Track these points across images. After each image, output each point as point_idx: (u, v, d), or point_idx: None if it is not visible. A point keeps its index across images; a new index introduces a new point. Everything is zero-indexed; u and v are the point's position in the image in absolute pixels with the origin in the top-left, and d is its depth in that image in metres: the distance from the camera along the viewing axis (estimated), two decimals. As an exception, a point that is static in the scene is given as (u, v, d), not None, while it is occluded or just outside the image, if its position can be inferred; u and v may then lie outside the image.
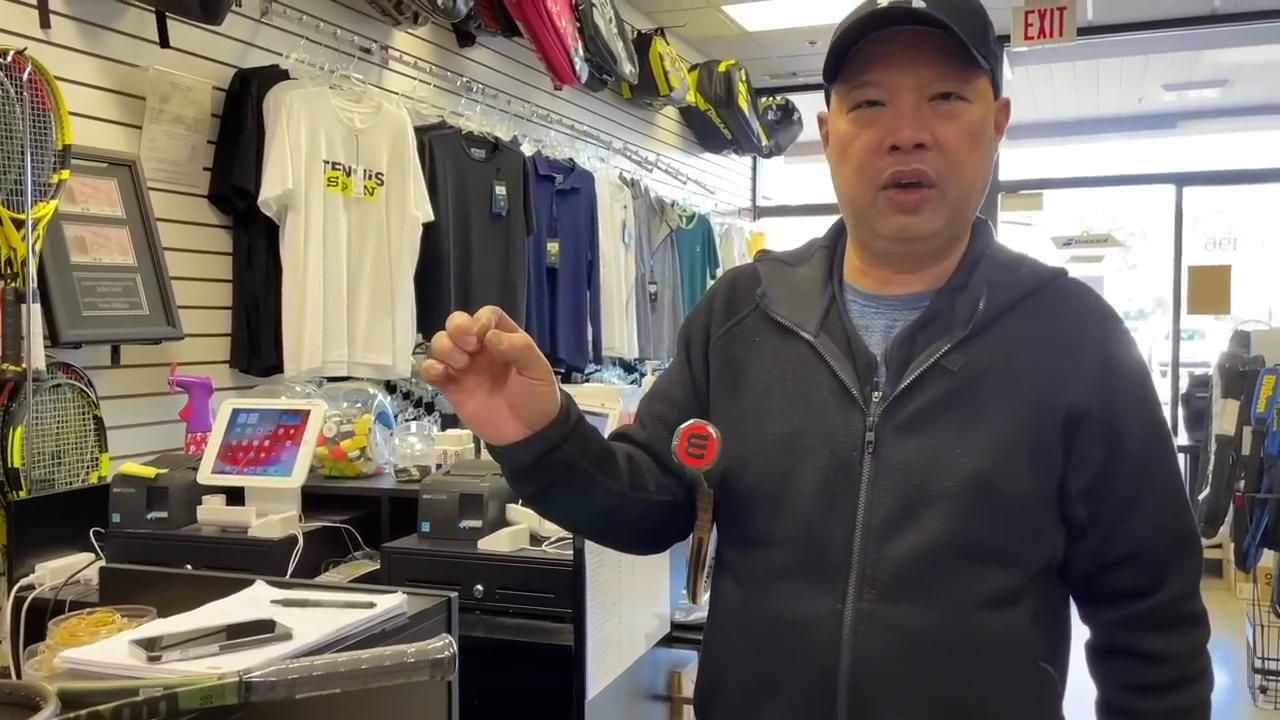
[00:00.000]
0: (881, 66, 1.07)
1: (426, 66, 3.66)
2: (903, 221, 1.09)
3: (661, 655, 2.13)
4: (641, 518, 1.17)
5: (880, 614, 1.05)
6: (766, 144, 6.24)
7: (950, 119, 1.07)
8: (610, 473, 1.11)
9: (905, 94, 1.06)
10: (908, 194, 1.07)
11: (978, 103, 1.08)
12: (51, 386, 2.21)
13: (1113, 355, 1.10)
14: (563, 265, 4.03)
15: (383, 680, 0.95)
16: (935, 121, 1.06)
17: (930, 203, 1.08)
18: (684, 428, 1.09)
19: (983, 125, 1.09)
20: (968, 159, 1.08)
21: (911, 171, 1.06)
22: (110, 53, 2.51)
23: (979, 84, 1.09)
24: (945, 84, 1.06)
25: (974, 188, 1.11)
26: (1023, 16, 5.14)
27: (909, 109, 1.06)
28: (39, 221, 2.14)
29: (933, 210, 1.08)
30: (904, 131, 1.06)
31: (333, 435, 2.33)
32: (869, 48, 1.06)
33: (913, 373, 1.08)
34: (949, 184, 1.08)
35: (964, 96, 1.07)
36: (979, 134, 1.09)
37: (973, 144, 1.08)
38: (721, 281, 1.28)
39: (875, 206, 1.10)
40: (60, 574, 1.83)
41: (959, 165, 1.07)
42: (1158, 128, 8.19)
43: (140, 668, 1.05)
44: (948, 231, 1.11)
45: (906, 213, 1.08)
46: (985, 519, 1.04)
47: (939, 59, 1.05)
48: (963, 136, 1.07)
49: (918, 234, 1.09)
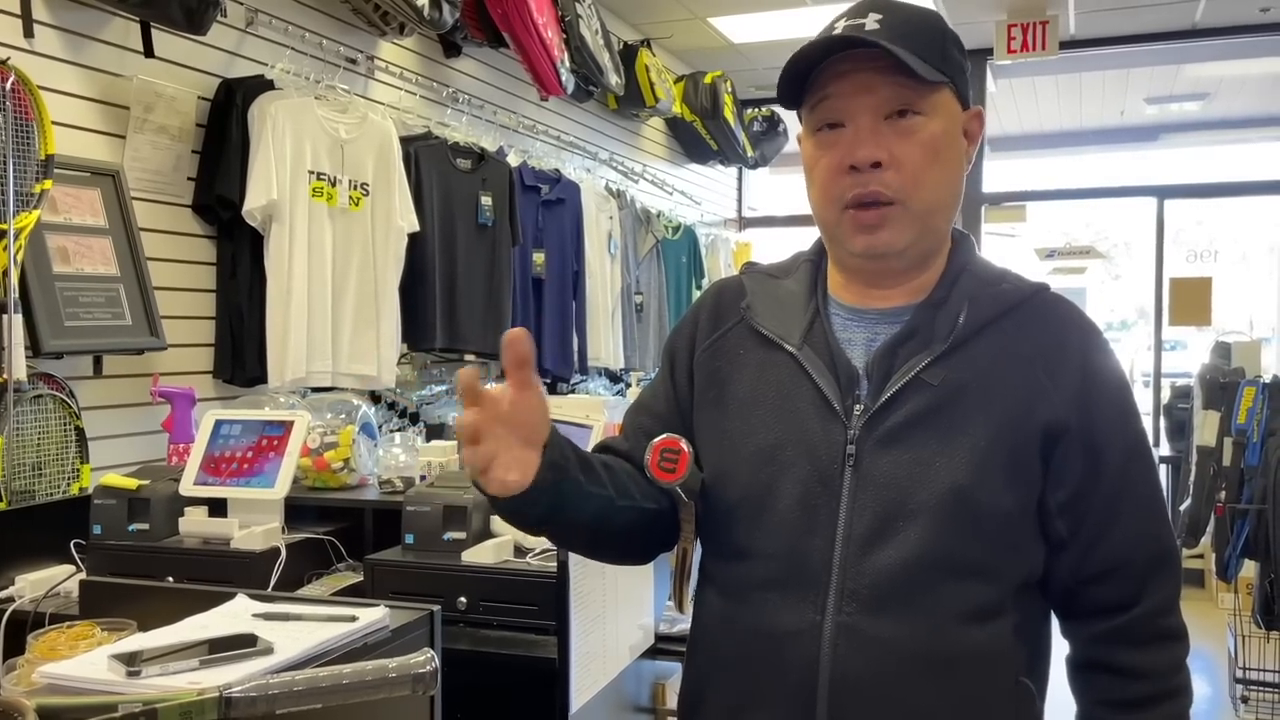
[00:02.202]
0: (837, 89, 1.08)
1: (412, 77, 3.67)
2: (866, 240, 1.10)
3: (646, 667, 2.12)
4: (629, 526, 1.17)
5: (860, 627, 1.05)
6: (752, 155, 6.26)
7: (907, 135, 1.08)
8: (596, 480, 1.11)
9: (861, 115, 1.07)
10: (867, 212, 1.09)
11: (936, 116, 1.09)
12: (33, 397, 2.20)
13: (1093, 370, 1.11)
14: (548, 276, 4.03)
15: (364, 695, 0.95)
16: (893, 139, 1.07)
17: (891, 219, 1.09)
18: (656, 442, 1.09)
19: (943, 138, 1.10)
20: (928, 174, 1.09)
21: (869, 192, 1.08)
22: (94, 62, 2.50)
23: (937, 98, 1.09)
24: (900, 101, 1.07)
25: (940, 201, 1.12)
26: (1005, 30, 5.19)
27: (865, 129, 1.07)
28: (21, 231, 2.12)
29: (895, 226, 1.09)
30: (860, 151, 1.07)
31: (316, 446, 2.32)
32: (826, 70, 1.08)
33: (893, 386, 1.09)
34: (911, 200, 1.08)
35: (920, 111, 1.08)
36: (939, 147, 1.09)
37: (933, 158, 1.09)
38: (707, 294, 1.28)
39: (841, 226, 1.11)
40: (40, 586, 1.82)
41: (918, 181, 1.08)
42: (1139, 140, 8.26)
43: (119, 683, 1.04)
44: (918, 246, 1.12)
45: (868, 231, 1.09)
46: (964, 533, 1.05)
47: (892, 76, 1.06)
48: (921, 152, 1.08)
49: (883, 251, 1.11)
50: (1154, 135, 8.17)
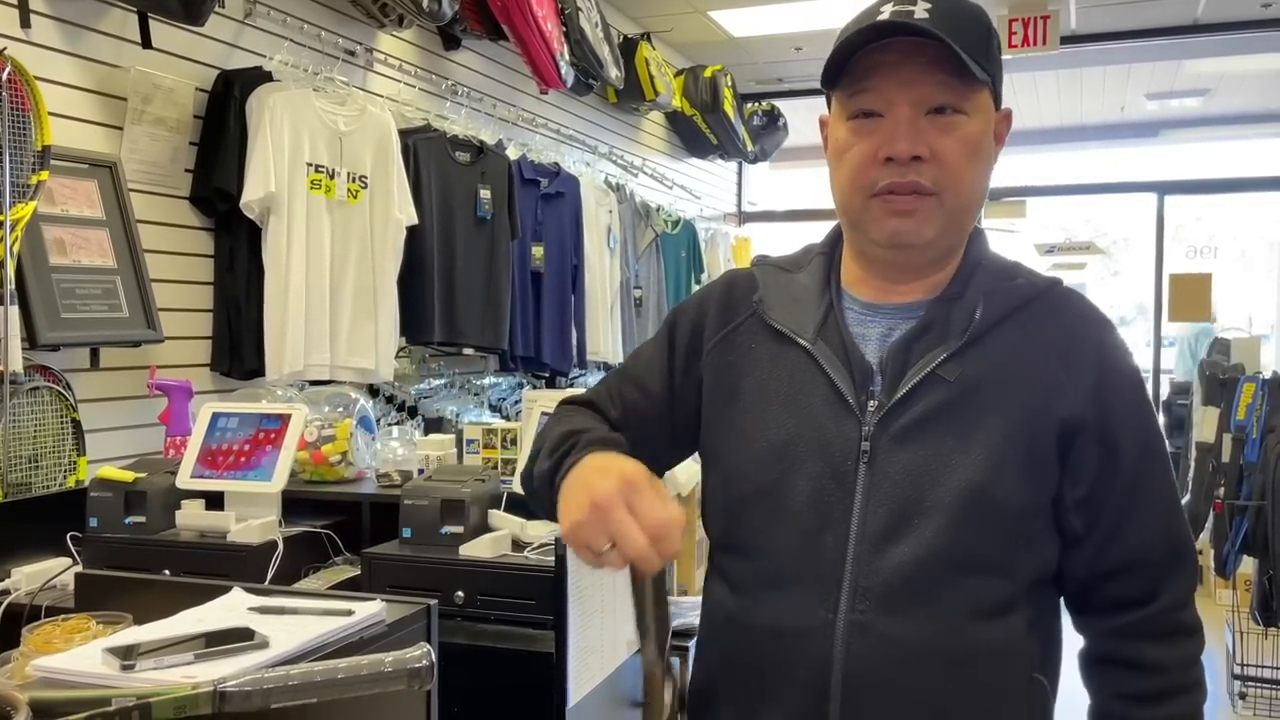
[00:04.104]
0: (879, 77, 1.06)
1: (411, 69, 3.65)
2: (895, 225, 1.08)
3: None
4: None
5: (873, 625, 1.04)
6: (752, 149, 6.25)
7: (948, 132, 1.06)
8: None
9: (902, 107, 1.05)
10: (903, 198, 1.07)
11: (976, 116, 1.08)
12: (29, 389, 2.19)
13: (1108, 365, 1.10)
14: (547, 269, 4.02)
15: (359, 690, 0.94)
16: (933, 134, 1.05)
17: (925, 209, 1.07)
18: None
19: (981, 138, 1.09)
20: (965, 171, 1.07)
21: (907, 183, 1.06)
22: (91, 53, 2.49)
23: (978, 97, 1.08)
24: (943, 97, 1.06)
25: (972, 200, 1.11)
26: (1006, 25, 5.18)
27: (905, 122, 1.05)
28: (17, 223, 2.12)
29: (927, 217, 1.07)
30: (899, 144, 1.05)
31: (314, 440, 2.31)
32: (868, 57, 1.06)
33: (909, 382, 1.08)
34: (947, 195, 1.07)
35: (962, 110, 1.07)
36: (977, 147, 1.08)
37: (970, 156, 1.08)
38: (717, 285, 1.26)
39: (868, 211, 1.09)
40: (36, 579, 1.81)
41: (957, 178, 1.07)
42: (1140, 136, 8.24)
43: (114, 676, 1.03)
44: (942, 241, 1.11)
45: (900, 216, 1.07)
46: (979, 530, 1.04)
47: (937, 71, 1.04)
48: (960, 149, 1.06)
49: (910, 240, 1.09)
50: (1154, 131, 8.16)
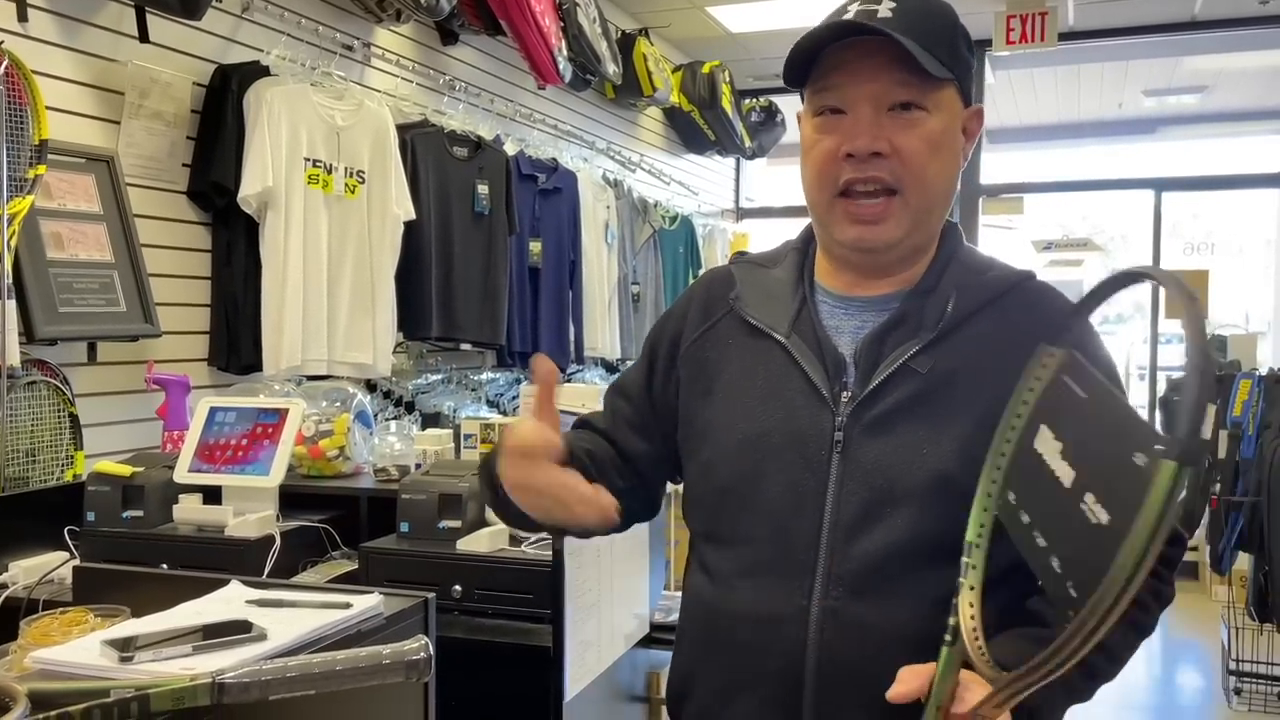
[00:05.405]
0: (841, 75, 1.08)
1: (409, 64, 3.65)
2: (859, 232, 1.10)
3: (640, 656, 2.12)
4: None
5: (845, 611, 1.06)
6: (750, 145, 6.25)
7: (909, 128, 1.07)
8: (584, 471, 1.11)
9: (863, 103, 1.07)
10: (869, 206, 1.08)
11: (938, 113, 1.09)
12: (26, 384, 2.19)
13: (1083, 354, 1.11)
14: (545, 265, 4.02)
15: (358, 682, 0.95)
16: (894, 131, 1.07)
17: (890, 213, 1.08)
18: None
19: (944, 135, 1.09)
20: (928, 167, 1.08)
21: (868, 179, 1.07)
22: (89, 47, 2.49)
23: (941, 94, 1.09)
24: (903, 94, 1.07)
25: (937, 197, 1.12)
26: (1004, 21, 5.17)
27: (866, 118, 1.07)
28: (14, 217, 2.11)
29: (894, 221, 1.09)
30: (859, 140, 1.07)
31: (311, 434, 2.32)
32: (833, 55, 1.07)
33: (881, 374, 1.09)
34: (910, 191, 1.08)
35: (923, 106, 1.07)
36: (939, 143, 1.09)
37: (933, 152, 1.08)
38: (697, 286, 1.29)
39: (832, 213, 1.11)
40: (34, 573, 1.81)
41: (919, 173, 1.08)
42: (1137, 133, 8.25)
43: (112, 668, 1.04)
44: (909, 242, 1.12)
45: (863, 224, 1.09)
46: (949, 518, 1.04)
47: (897, 69, 1.05)
48: (922, 145, 1.07)
49: (875, 245, 1.11)
50: (1152, 128, 8.17)
